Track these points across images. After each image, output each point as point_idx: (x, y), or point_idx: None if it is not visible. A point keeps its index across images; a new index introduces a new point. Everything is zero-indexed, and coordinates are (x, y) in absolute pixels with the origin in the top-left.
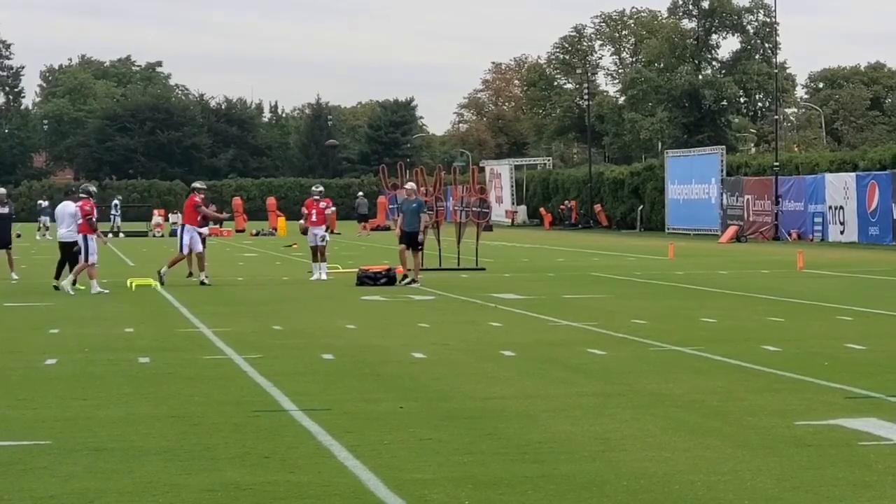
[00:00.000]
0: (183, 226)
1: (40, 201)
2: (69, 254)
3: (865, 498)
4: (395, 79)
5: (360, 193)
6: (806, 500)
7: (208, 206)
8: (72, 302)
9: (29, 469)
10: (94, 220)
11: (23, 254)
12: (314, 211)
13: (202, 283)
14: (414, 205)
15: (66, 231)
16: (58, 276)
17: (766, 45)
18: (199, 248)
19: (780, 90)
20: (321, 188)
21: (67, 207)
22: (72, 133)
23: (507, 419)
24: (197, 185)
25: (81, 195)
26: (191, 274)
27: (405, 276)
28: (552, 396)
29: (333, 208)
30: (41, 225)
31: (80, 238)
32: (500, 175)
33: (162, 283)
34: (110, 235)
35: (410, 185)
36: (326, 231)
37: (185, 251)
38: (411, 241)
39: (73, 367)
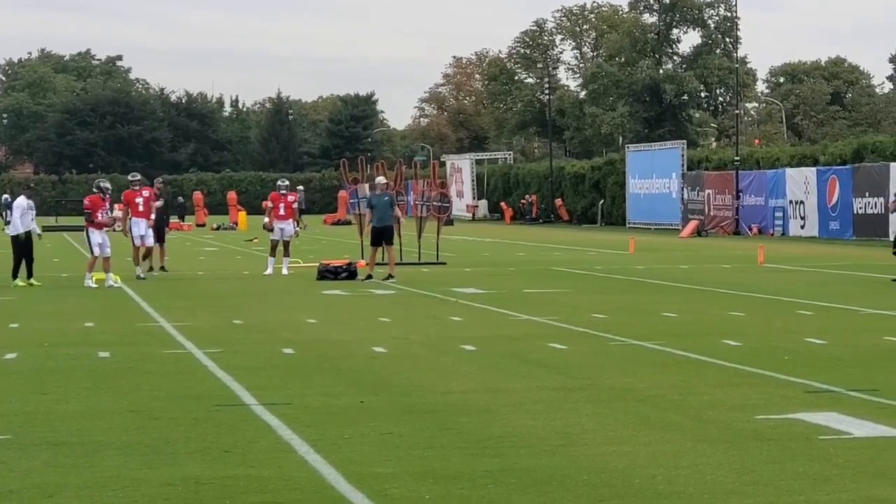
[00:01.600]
0: (132, 219)
1: (5, 195)
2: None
3: (825, 491)
4: (355, 73)
5: (300, 188)
6: (766, 493)
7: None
8: (31, 297)
9: None
10: (95, 214)
11: None
12: (282, 205)
13: (138, 277)
14: (386, 198)
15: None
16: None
17: (727, 39)
18: (150, 242)
19: (740, 85)
20: (287, 182)
21: (29, 202)
22: (31, 127)
23: (468, 413)
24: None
25: (93, 190)
26: (160, 267)
27: (369, 276)
28: (513, 391)
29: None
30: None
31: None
32: (461, 169)
33: (142, 278)
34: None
35: (381, 179)
36: (298, 226)
37: (137, 243)
38: (385, 236)
39: (32, 361)
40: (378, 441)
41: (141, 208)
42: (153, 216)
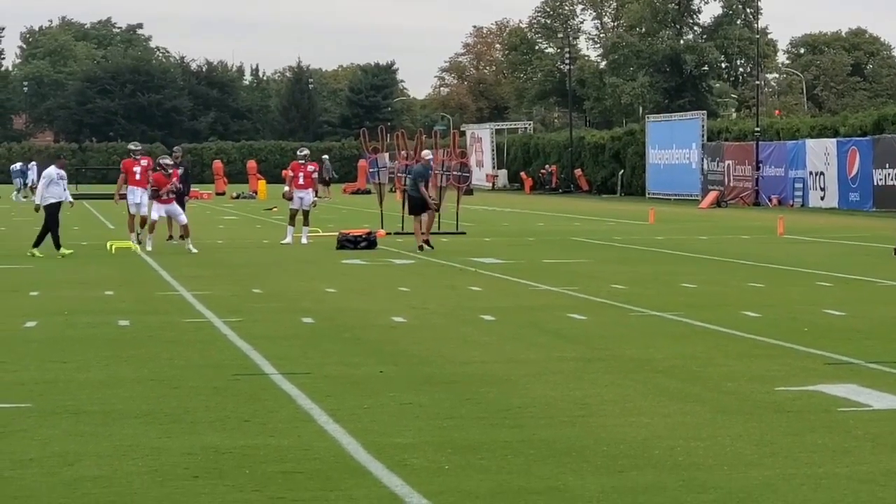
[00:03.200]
0: (128, 188)
1: (18, 164)
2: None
3: (844, 464)
4: (376, 42)
5: (325, 157)
6: (785, 465)
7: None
8: (51, 265)
9: (8, 432)
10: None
11: (1, 217)
12: (301, 174)
13: (137, 243)
14: (419, 169)
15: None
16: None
17: (748, 10)
18: (145, 210)
19: (761, 56)
20: (307, 151)
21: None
22: (52, 95)
23: (487, 384)
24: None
25: (155, 168)
26: (171, 237)
27: (421, 247)
28: (532, 361)
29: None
30: (20, 186)
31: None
32: (481, 139)
33: (141, 244)
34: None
35: (426, 152)
36: (317, 195)
37: (133, 211)
38: (417, 205)
39: (52, 329)
40: (397, 411)
41: (138, 177)
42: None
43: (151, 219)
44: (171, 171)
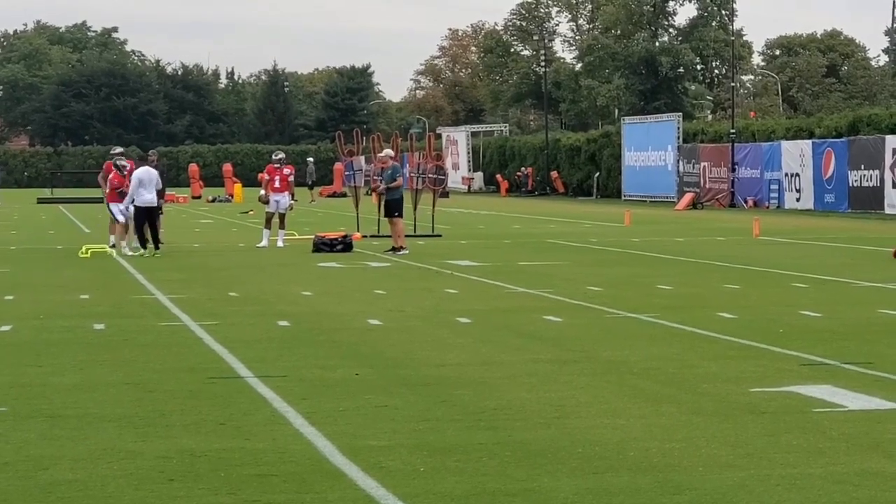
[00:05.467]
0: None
1: None
2: (151, 218)
3: (819, 464)
4: (351, 45)
5: (310, 160)
6: (760, 466)
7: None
8: (27, 269)
9: None
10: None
11: None
12: (277, 177)
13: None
14: (389, 171)
15: (150, 196)
16: (145, 243)
17: (723, 11)
18: (121, 218)
19: (736, 57)
20: (282, 155)
21: (150, 173)
22: (27, 99)
23: (463, 386)
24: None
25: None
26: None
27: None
28: (507, 363)
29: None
30: None
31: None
32: (457, 142)
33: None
34: None
35: (387, 151)
36: (292, 199)
37: (121, 219)
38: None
39: (28, 333)
40: (373, 414)
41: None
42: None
43: (119, 222)
44: (126, 171)
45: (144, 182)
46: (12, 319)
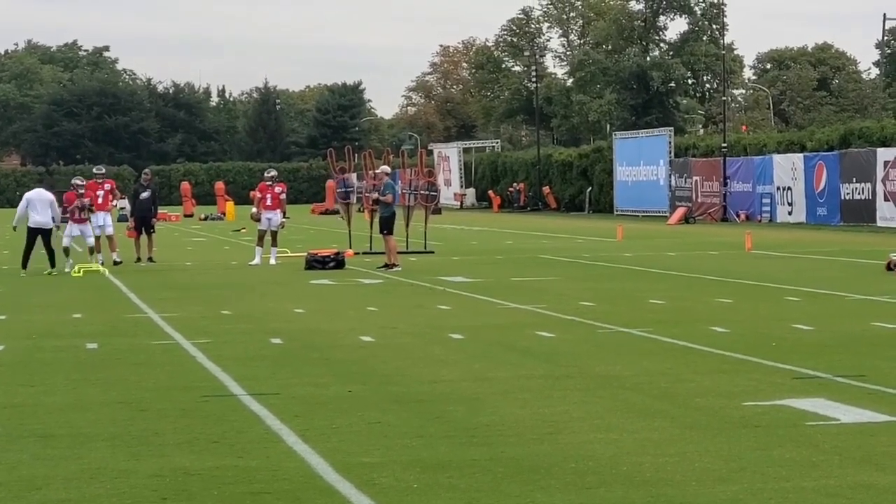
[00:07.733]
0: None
1: None
2: (42, 239)
3: (812, 477)
4: (343, 62)
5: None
6: (753, 480)
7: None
8: (19, 288)
9: None
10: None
11: None
12: (269, 195)
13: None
14: (381, 187)
15: (41, 218)
16: (25, 265)
17: (714, 26)
18: (109, 231)
19: (727, 71)
20: (274, 172)
21: (42, 195)
22: (18, 118)
23: (456, 402)
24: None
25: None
26: (139, 259)
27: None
28: (500, 379)
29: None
30: None
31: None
32: (449, 158)
33: (116, 263)
34: None
35: (384, 168)
36: (284, 216)
37: (97, 233)
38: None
39: (20, 353)
40: (366, 430)
41: (100, 200)
42: (118, 206)
43: (63, 245)
44: (82, 190)
45: (35, 203)
46: (5, 339)
